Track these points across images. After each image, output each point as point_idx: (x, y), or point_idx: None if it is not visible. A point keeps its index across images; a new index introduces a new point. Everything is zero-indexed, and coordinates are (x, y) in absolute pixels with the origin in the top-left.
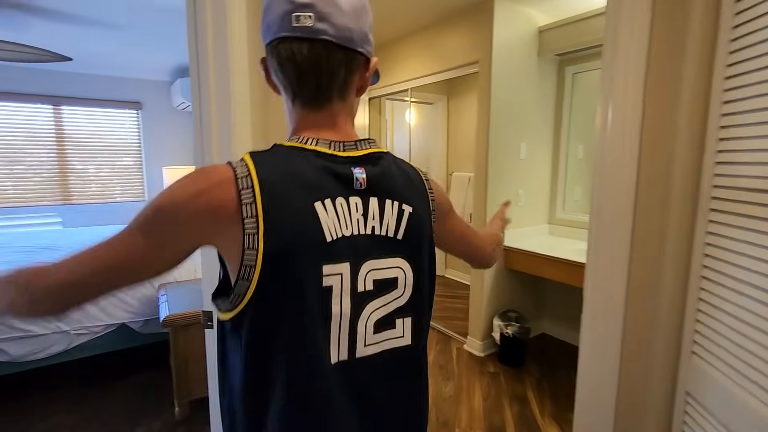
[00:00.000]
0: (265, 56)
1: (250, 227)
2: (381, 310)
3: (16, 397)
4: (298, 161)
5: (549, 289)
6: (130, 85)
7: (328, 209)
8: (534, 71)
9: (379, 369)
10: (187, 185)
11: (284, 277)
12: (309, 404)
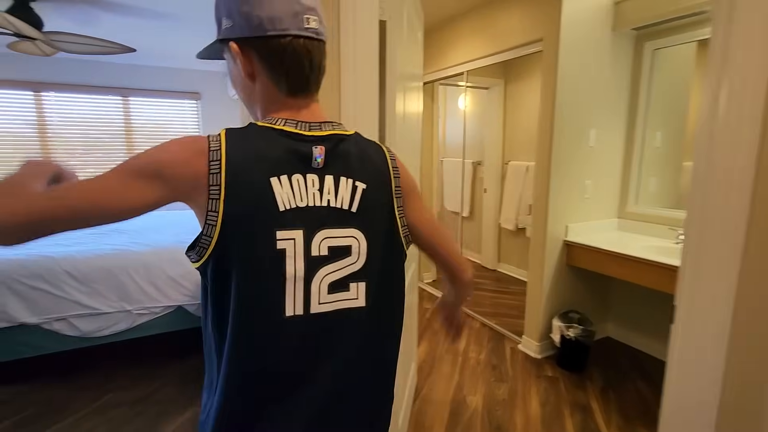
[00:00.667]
0: (237, 41)
1: (213, 193)
2: (335, 274)
3: (83, 369)
4: (264, 141)
5: (615, 289)
6: (189, 76)
7: (284, 184)
8: (607, 48)
9: (334, 325)
10: (177, 152)
11: (239, 238)
12: (256, 346)
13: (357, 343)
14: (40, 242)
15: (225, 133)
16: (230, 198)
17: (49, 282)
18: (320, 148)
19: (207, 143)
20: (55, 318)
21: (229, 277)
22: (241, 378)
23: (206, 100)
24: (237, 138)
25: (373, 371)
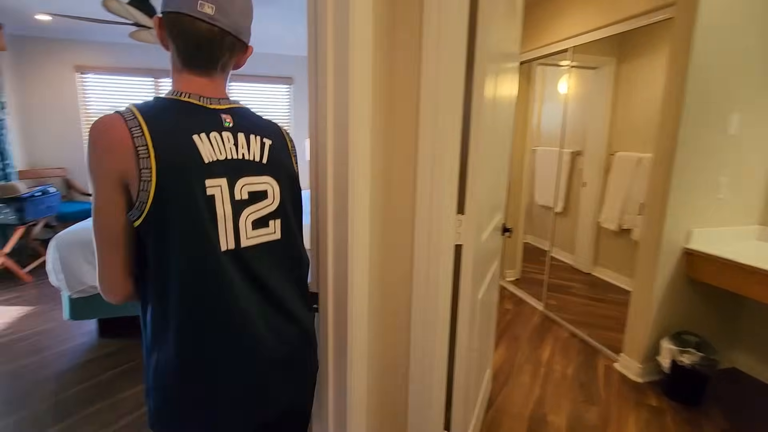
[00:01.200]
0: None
1: (142, 153)
2: (255, 214)
3: None
4: (179, 108)
5: (751, 312)
6: (283, 61)
7: (203, 140)
8: (764, 13)
9: (260, 256)
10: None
11: (173, 187)
12: (200, 279)
13: (278, 268)
14: None
15: (135, 107)
16: (158, 152)
17: None
18: (227, 115)
19: (120, 120)
20: None
21: (168, 226)
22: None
23: (298, 85)
24: (149, 107)
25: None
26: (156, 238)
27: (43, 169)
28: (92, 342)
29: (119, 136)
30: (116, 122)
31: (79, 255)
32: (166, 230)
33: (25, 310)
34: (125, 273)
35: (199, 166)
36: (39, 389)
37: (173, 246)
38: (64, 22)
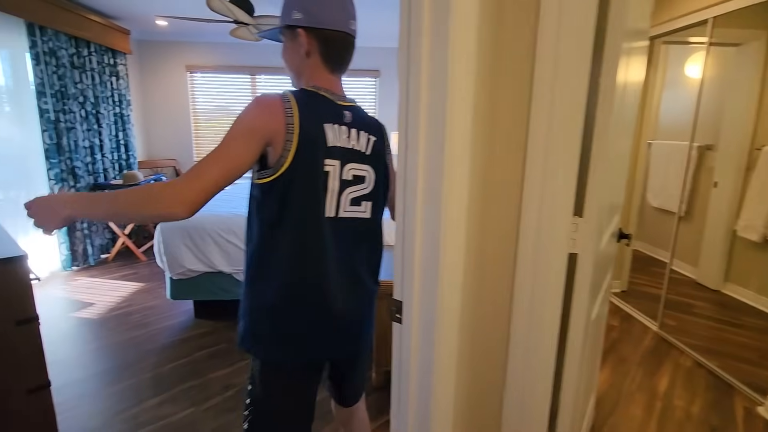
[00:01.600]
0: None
1: (289, 129)
2: (354, 193)
3: None
4: (317, 99)
5: None
6: (370, 54)
7: (329, 129)
8: None
9: (351, 228)
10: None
11: (303, 158)
12: (309, 235)
13: (361, 239)
14: (232, 203)
15: (294, 93)
16: (301, 134)
17: (239, 237)
18: (348, 112)
19: (281, 101)
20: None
21: (292, 186)
22: (297, 255)
23: (384, 78)
24: (301, 97)
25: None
26: (280, 194)
27: (157, 160)
28: (189, 321)
29: (277, 110)
30: (277, 100)
31: (179, 240)
32: (289, 189)
33: (138, 286)
34: (206, 193)
35: (324, 147)
36: (142, 361)
37: (291, 203)
38: (177, 26)
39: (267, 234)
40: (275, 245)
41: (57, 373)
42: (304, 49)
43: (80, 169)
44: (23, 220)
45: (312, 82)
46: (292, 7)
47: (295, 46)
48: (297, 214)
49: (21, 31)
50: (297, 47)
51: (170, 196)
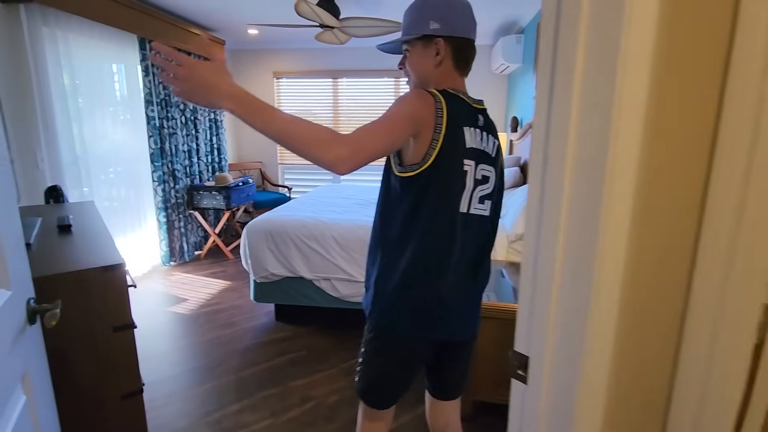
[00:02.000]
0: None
1: (437, 128)
2: (482, 192)
3: (344, 327)
4: (458, 101)
5: None
6: None
7: (468, 131)
8: None
9: (476, 224)
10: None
11: (446, 156)
12: (443, 228)
13: (481, 235)
14: (314, 208)
15: (441, 93)
16: (447, 134)
17: (321, 244)
18: (480, 116)
19: (434, 100)
20: (323, 277)
21: (433, 181)
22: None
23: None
24: (448, 98)
25: (484, 254)
26: (421, 187)
27: (245, 163)
28: (270, 323)
29: (431, 106)
30: (431, 98)
31: (263, 243)
32: (431, 183)
33: (226, 284)
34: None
35: (463, 148)
36: (226, 362)
37: (432, 195)
38: (266, 35)
39: (404, 223)
40: (412, 233)
41: (151, 368)
42: (440, 56)
43: (179, 171)
44: (131, 220)
45: (448, 83)
46: (428, 18)
47: (428, 53)
48: (436, 207)
49: (134, 45)
50: (430, 55)
51: (341, 151)
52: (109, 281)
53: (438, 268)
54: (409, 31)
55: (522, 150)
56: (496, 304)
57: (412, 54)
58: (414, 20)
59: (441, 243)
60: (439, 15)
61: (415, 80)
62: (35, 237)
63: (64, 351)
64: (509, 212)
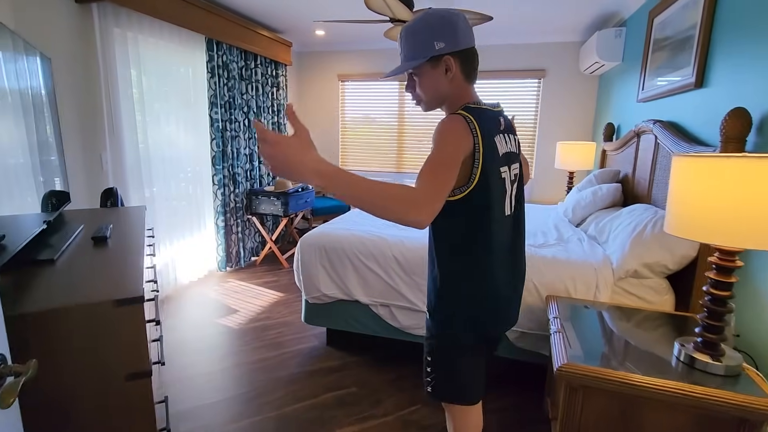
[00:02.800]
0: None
1: (476, 148)
2: (514, 191)
3: (402, 362)
4: (485, 115)
5: None
6: (534, 52)
7: (497, 139)
8: None
9: (513, 224)
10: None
11: (488, 169)
12: (497, 232)
13: (520, 228)
14: (375, 222)
15: (469, 112)
16: (485, 151)
17: (380, 265)
18: (501, 119)
19: (466, 122)
20: (381, 303)
21: (482, 196)
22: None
23: (550, 78)
24: (476, 115)
25: (521, 243)
26: (474, 203)
27: None
28: (320, 348)
29: (468, 134)
30: (465, 124)
31: (317, 260)
32: (478, 199)
33: (278, 296)
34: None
35: (498, 157)
36: (268, 394)
37: (482, 209)
38: (332, 36)
39: (455, 242)
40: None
41: (188, 393)
42: (452, 72)
43: (240, 175)
44: (190, 224)
45: (464, 100)
46: (431, 40)
47: (438, 72)
48: (486, 218)
49: (201, 47)
50: (440, 73)
51: (419, 216)
52: (121, 318)
53: (496, 276)
54: (416, 56)
55: (621, 163)
56: (598, 371)
57: (423, 77)
58: (417, 44)
59: (496, 251)
60: (441, 34)
61: (429, 100)
62: (66, 250)
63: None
64: (612, 239)
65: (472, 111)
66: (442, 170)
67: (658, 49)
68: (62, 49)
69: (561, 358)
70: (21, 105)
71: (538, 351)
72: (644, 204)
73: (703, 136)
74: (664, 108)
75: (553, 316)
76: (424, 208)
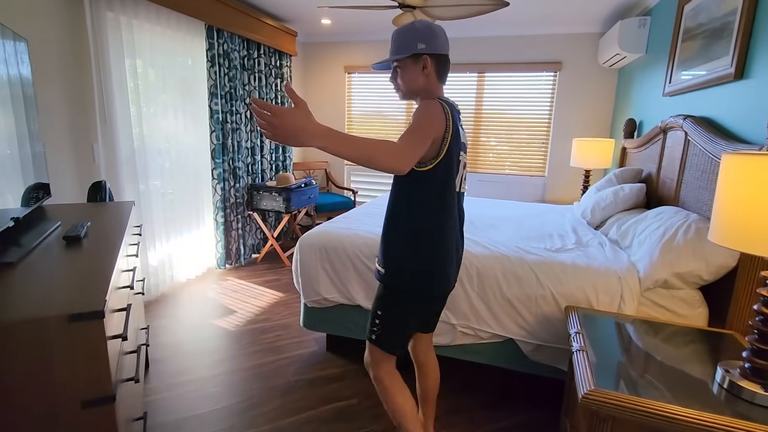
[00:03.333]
0: (426, 56)
1: (447, 130)
2: (463, 173)
3: None
4: (451, 107)
5: None
6: (550, 43)
7: (460, 128)
8: None
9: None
10: (438, 123)
11: (452, 151)
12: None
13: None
14: (379, 221)
15: (444, 103)
16: (453, 134)
17: None
18: (459, 115)
19: (442, 108)
20: None
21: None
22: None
23: (567, 71)
24: (449, 105)
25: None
26: (438, 175)
27: (311, 162)
28: (320, 354)
29: (443, 116)
30: (441, 108)
31: (317, 261)
32: (438, 172)
33: (278, 296)
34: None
35: (459, 142)
36: (263, 404)
37: (440, 181)
38: (339, 26)
39: (419, 206)
40: (424, 213)
41: (179, 403)
42: (428, 70)
43: (241, 169)
44: (188, 220)
45: (435, 95)
46: (415, 40)
47: (417, 68)
48: (445, 189)
49: (201, 34)
50: (418, 70)
51: (402, 157)
52: (76, 336)
53: (448, 238)
54: (401, 52)
55: (643, 161)
56: (630, 400)
57: (404, 69)
58: (404, 43)
59: (446, 218)
60: (424, 37)
61: (406, 90)
62: (32, 252)
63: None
64: (637, 245)
65: (444, 102)
66: (420, 134)
67: (688, 38)
68: (43, 31)
69: (586, 384)
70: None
71: (554, 365)
72: (673, 206)
73: (743, 132)
74: (695, 102)
75: (575, 330)
76: (404, 157)
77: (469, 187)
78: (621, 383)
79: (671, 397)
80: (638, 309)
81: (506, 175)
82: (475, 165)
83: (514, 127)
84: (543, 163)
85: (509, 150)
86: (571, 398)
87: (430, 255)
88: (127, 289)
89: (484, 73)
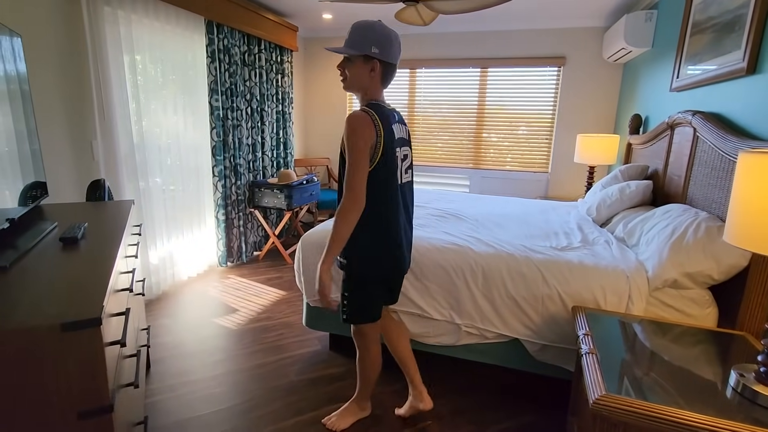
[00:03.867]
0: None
1: (379, 135)
2: (405, 165)
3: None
4: (382, 109)
5: None
6: (554, 37)
7: (395, 127)
8: None
9: (406, 188)
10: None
11: (388, 150)
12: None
13: (410, 195)
14: None
15: (372, 108)
16: (386, 136)
17: None
18: (395, 114)
19: (370, 118)
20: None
21: (382, 169)
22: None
23: (571, 66)
24: (377, 111)
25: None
26: (378, 174)
27: (312, 159)
28: (322, 353)
29: (372, 126)
30: (369, 120)
31: (318, 259)
32: (380, 170)
33: (280, 295)
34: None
35: (394, 140)
36: (265, 406)
37: (383, 179)
38: (341, 21)
39: (371, 201)
40: (373, 205)
41: (180, 404)
42: (375, 73)
43: (242, 166)
44: (189, 217)
45: (374, 97)
46: (371, 43)
47: (366, 68)
48: (386, 185)
49: (201, 29)
50: (367, 71)
51: (354, 208)
52: (71, 345)
53: (392, 227)
54: (355, 47)
55: (649, 157)
56: (643, 406)
57: (354, 64)
58: (361, 39)
59: (393, 209)
60: (379, 42)
61: (350, 85)
62: (27, 254)
63: None
64: (644, 243)
65: (374, 107)
66: (357, 156)
67: (697, 32)
68: (39, 26)
69: (597, 389)
70: None
71: (560, 365)
72: (681, 204)
73: (756, 129)
74: (704, 98)
75: (583, 332)
76: (358, 193)
77: (471, 184)
78: (631, 386)
79: (683, 402)
80: (646, 309)
81: (509, 171)
82: (477, 161)
83: (517, 123)
84: (546, 159)
85: (512, 146)
86: (578, 399)
87: (378, 244)
88: (126, 291)
89: (486, 69)
